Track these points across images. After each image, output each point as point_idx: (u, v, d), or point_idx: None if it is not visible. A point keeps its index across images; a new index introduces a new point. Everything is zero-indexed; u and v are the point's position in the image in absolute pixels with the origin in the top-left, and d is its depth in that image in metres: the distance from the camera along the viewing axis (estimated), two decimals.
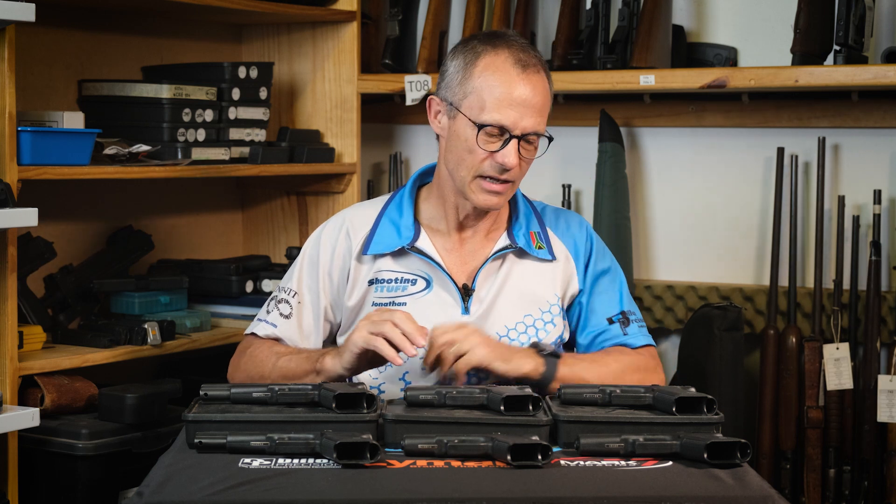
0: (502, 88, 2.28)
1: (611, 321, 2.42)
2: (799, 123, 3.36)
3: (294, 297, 2.44)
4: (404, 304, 2.38)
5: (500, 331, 2.38)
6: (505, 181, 2.32)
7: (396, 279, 2.40)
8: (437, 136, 2.42)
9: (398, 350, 2.15)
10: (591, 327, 2.44)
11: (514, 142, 2.28)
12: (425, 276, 2.39)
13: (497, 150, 2.29)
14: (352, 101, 3.53)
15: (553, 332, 2.41)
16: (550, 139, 2.34)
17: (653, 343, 2.45)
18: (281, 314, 2.43)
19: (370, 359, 2.21)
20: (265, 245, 3.71)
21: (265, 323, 2.45)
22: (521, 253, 2.42)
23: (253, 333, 2.46)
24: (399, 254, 2.41)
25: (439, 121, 2.39)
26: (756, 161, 3.44)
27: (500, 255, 2.40)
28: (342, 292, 2.43)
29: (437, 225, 2.43)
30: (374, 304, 2.40)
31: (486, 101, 2.28)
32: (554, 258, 2.43)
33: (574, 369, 2.28)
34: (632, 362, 2.37)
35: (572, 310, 2.47)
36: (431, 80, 3.46)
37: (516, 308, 2.40)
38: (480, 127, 2.28)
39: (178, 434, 2.04)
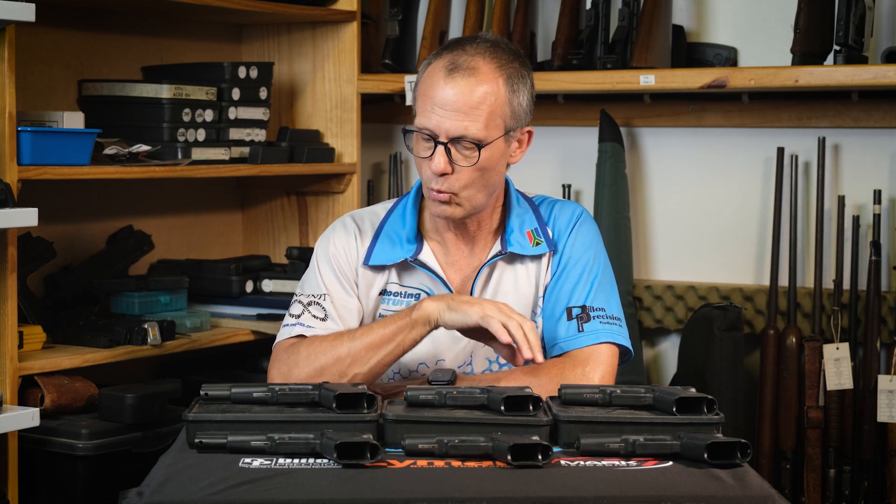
0: (429, 92, 2.25)
1: (569, 314, 2.33)
2: (799, 123, 3.36)
3: (325, 299, 2.36)
4: None
5: None
6: (443, 191, 2.25)
7: (402, 293, 2.37)
8: None
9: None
10: (547, 325, 2.36)
11: (440, 147, 2.22)
12: (427, 292, 2.36)
13: (429, 157, 2.25)
14: (352, 101, 3.53)
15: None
16: (479, 146, 2.23)
17: (616, 341, 2.31)
18: (315, 316, 2.35)
19: (469, 332, 2.20)
20: (265, 245, 3.71)
21: (301, 326, 2.34)
22: (512, 257, 2.38)
23: (289, 338, 2.35)
24: (403, 266, 2.37)
25: None
26: (756, 161, 3.44)
27: (490, 263, 2.37)
28: (357, 292, 2.41)
29: (437, 236, 2.39)
30: (381, 316, 2.37)
31: (418, 107, 2.27)
32: (549, 250, 2.40)
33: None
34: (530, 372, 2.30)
35: (545, 300, 2.40)
36: None
37: None
38: (408, 132, 2.27)
39: (178, 434, 2.04)
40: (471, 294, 2.35)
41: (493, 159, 2.27)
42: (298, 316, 2.36)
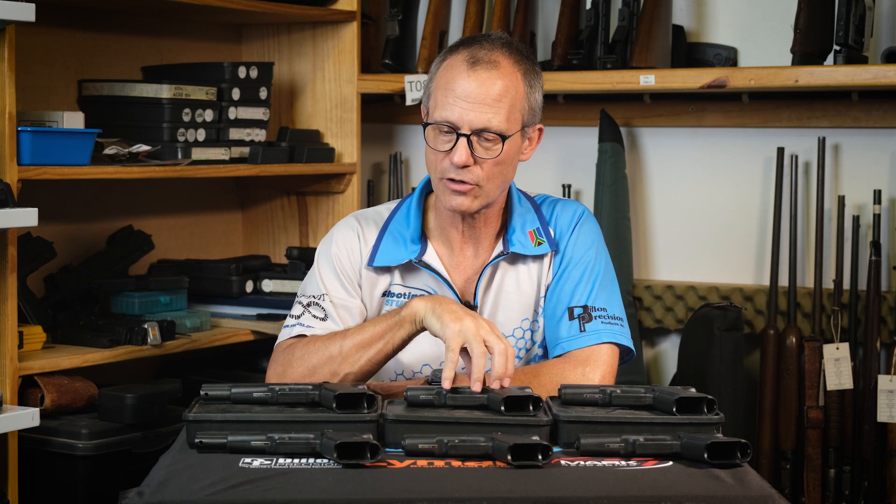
0: (450, 85, 2.24)
1: (571, 314, 2.33)
2: (799, 123, 3.36)
3: (324, 299, 2.36)
4: None
5: None
6: (466, 182, 2.25)
7: (405, 294, 2.37)
8: None
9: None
10: (549, 325, 2.35)
11: (463, 140, 2.22)
12: (431, 293, 2.34)
13: (450, 150, 2.24)
14: (352, 101, 3.53)
15: None
16: (503, 138, 2.24)
17: (617, 341, 2.31)
18: (315, 317, 2.35)
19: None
20: (265, 245, 3.71)
21: (300, 326, 2.35)
22: (514, 257, 2.38)
23: (288, 339, 2.35)
24: (407, 267, 2.37)
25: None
26: (756, 161, 3.44)
27: (493, 263, 2.37)
28: (360, 293, 2.41)
29: (442, 237, 2.38)
30: None
31: (437, 100, 2.26)
32: (552, 250, 2.39)
33: None
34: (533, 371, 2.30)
35: (546, 299, 2.39)
36: None
37: (513, 314, 2.37)
38: (428, 125, 2.26)
39: (178, 434, 2.04)
40: (474, 295, 2.35)
41: (511, 153, 2.28)
42: (298, 317, 2.37)
